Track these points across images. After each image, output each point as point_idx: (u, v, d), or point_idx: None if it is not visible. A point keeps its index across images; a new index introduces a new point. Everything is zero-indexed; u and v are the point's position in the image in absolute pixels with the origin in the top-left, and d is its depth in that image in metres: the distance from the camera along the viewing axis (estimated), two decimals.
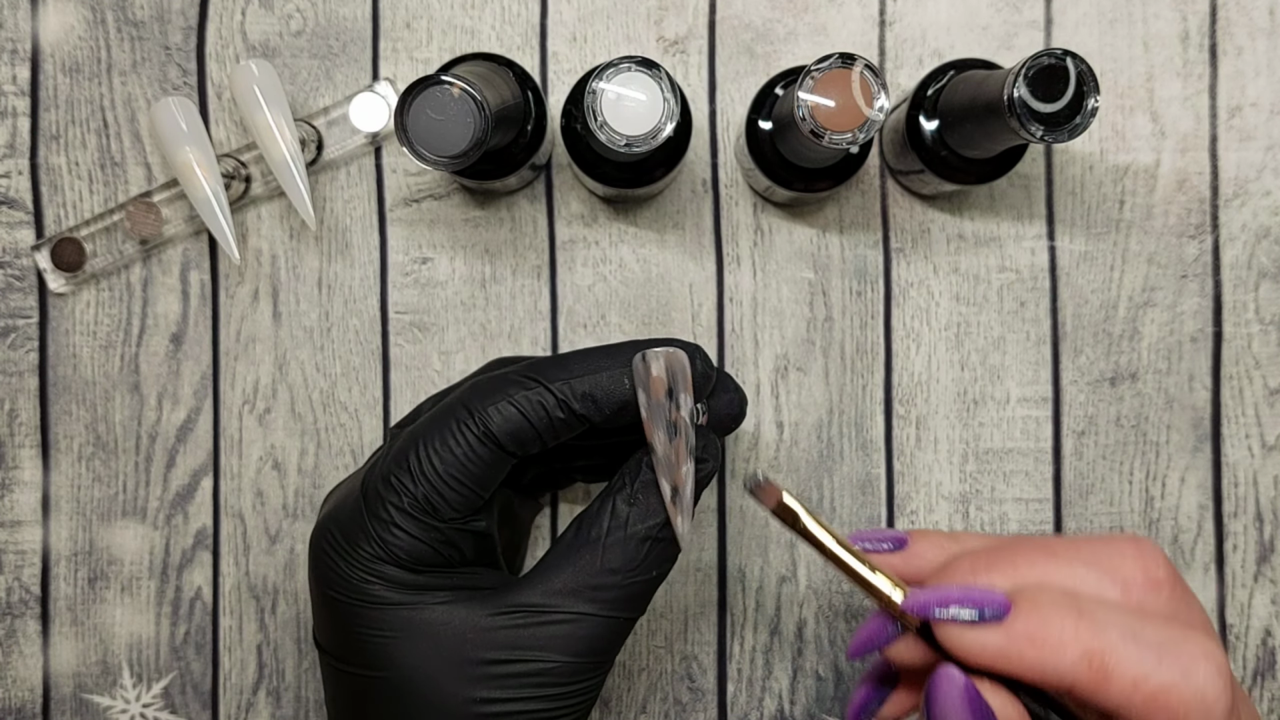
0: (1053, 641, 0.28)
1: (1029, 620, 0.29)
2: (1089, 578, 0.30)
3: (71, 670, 0.47)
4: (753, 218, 0.47)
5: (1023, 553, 0.31)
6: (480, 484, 0.34)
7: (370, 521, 0.34)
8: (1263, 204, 0.46)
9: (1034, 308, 0.47)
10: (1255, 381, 0.47)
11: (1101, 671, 0.28)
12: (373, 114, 0.45)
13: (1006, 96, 0.36)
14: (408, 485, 0.33)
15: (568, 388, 0.34)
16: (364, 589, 0.34)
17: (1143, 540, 0.31)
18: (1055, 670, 0.28)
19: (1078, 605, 0.29)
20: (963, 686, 0.30)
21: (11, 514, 0.47)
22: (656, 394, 0.33)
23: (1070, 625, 0.28)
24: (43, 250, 0.46)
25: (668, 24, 0.47)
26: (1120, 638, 0.28)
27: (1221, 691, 0.28)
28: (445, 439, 0.33)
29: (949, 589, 0.30)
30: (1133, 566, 0.31)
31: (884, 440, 0.47)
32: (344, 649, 0.35)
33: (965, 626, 0.29)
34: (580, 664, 0.34)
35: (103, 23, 0.47)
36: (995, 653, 0.29)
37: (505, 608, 0.34)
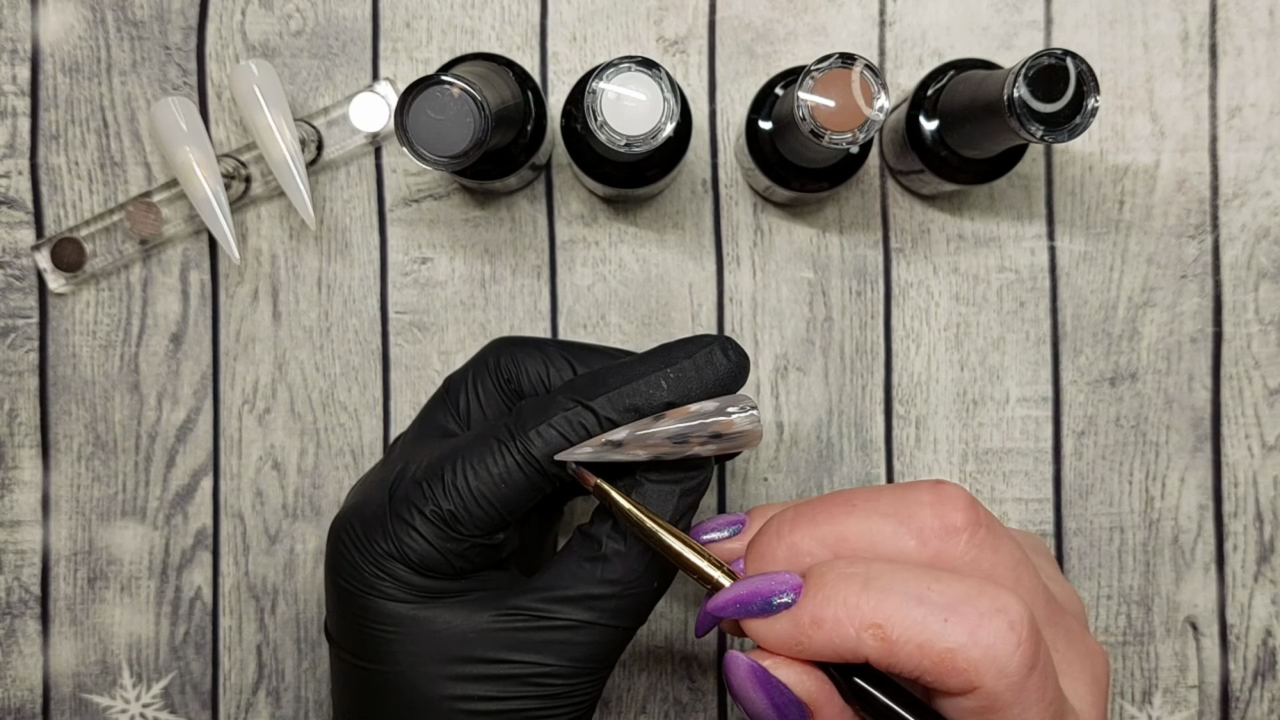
0: (834, 619, 0.28)
1: (812, 603, 0.29)
2: (885, 530, 0.30)
3: (71, 670, 0.47)
4: (753, 218, 0.47)
5: (824, 509, 0.31)
6: (510, 507, 0.34)
7: (391, 520, 0.34)
8: (1262, 204, 0.46)
9: (1034, 308, 0.47)
10: (1255, 381, 0.47)
11: (887, 641, 0.28)
12: (373, 114, 0.45)
13: (1006, 96, 0.36)
14: (437, 496, 0.33)
15: (608, 403, 0.33)
16: (372, 583, 0.34)
17: (943, 485, 0.31)
18: (843, 648, 0.28)
19: (864, 575, 0.29)
20: (748, 668, 0.30)
21: (11, 514, 0.47)
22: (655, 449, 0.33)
23: (853, 599, 0.28)
24: (43, 250, 0.46)
25: (668, 24, 0.47)
26: (903, 603, 0.28)
27: (1015, 646, 0.27)
28: (484, 457, 0.33)
29: (744, 584, 0.30)
30: (928, 515, 0.30)
31: (884, 440, 0.47)
32: (350, 641, 0.35)
33: (759, 619, 0.30)
34: (576, 669, 0.34)
35: (103, 23, 0.47)
36: (788, 640, 0.29)
37: (504, 610, 0.34)
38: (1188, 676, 0.47)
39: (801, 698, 0.29)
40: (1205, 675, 0.47)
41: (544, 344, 0.38)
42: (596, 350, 0.38)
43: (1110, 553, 0.47)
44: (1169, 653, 0.47)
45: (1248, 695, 0.47)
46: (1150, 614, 0.47)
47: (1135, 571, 0.47)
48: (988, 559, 0.30)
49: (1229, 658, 0.47)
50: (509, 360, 0.38)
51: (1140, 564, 0.47)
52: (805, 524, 0.31)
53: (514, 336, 0.39)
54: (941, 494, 0.30)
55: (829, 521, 0.31)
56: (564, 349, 0.38)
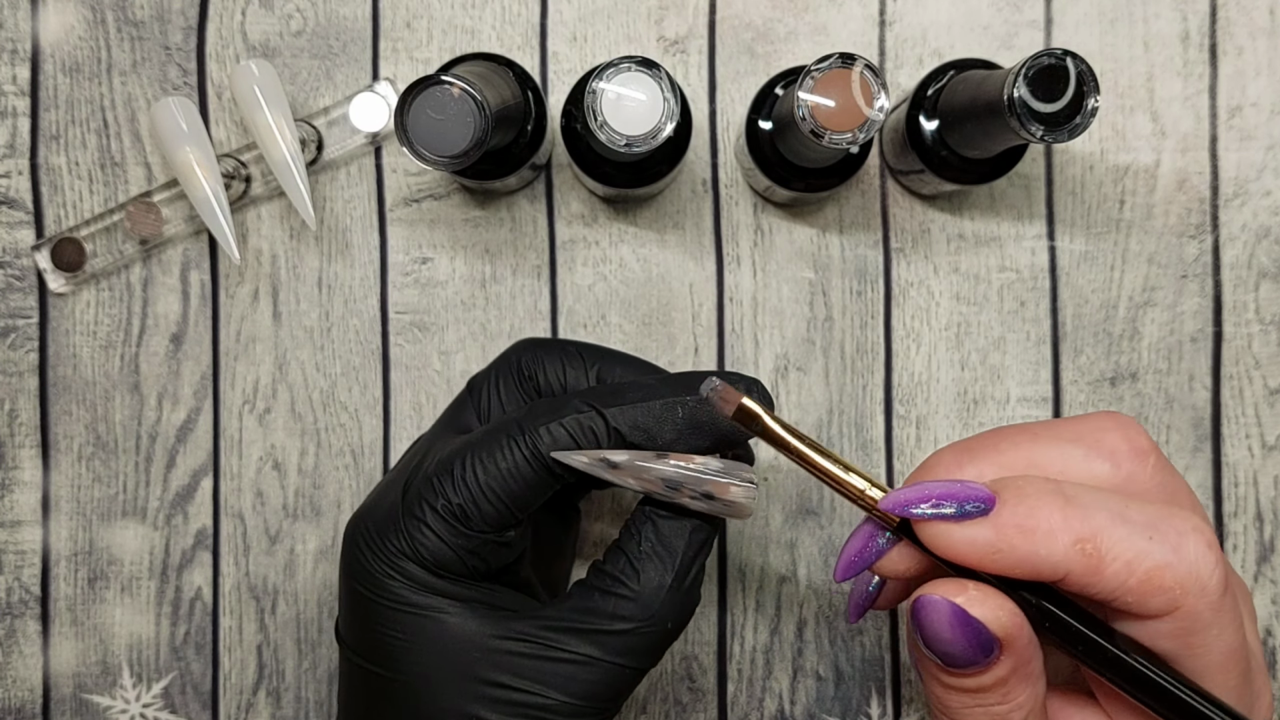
0: (1043, 530, 0.27)
1: (1016, 511, 0.28)
2: (1075, 454, 0.30)
3: (71, 670, 0.47)
4: (753, 218, 0.47)
5: (1006, 437, 0.30)
6: (518, 502, 0.34)
7: (404, 518, 0.34)
8: (1263, 204, 0.46)
9: (1034, 308, 0.47)
10: (1255, 381, 0.47)
11: (1095, 557, 0.27)
12: (373, 114, 0.45)
13: (1006, 96, 0.36)
14: (448, 490, 0.33)
15: (621, 415, 0.33)
16: (384, 583, 0.34)
17: (1119, 414, 0.31)
18: (1049, 560, 0.27)
19: (1063, 491, 0.28)
20: (949, 611, 0.28)
21: (11, 514, 0.47)
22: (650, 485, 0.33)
23: (1058, 512, 0.27)
24: (43, 250, 0.46)
25: (668, 24, 0.47)
26: (1109, 520, 0.27)
27: (1214, 565, 0.27)
28: (494, 452, 0.33)
29: (928, 485, 0.29)
30: (1116, 438, 0.30)
31: (884, 440, 0.47)
32: (361, 643, 0.35)
33: (950, 524, 0.28)
34: (579, 707, 0.33)
35: (103, 23, 0.47)
36: (985, 548, 0.28)
37: (512, 632, 0.33)
38: None
39: (997, 633, 0.28)
40: None
41: (567, 346, 0.38)
42: (619, 356, 0.38)
43: None
44: None
45: None
46: None
47: None
48: (1172, 481, 0.30)
49: None
50: (531, 360, 0.38)
51: None
52: (988, 452, 0.30)
53: (539, 338, 0.40)
54: (1122, 420, 0.30)
55: (1013, 449, 0.30)
56: (587, 353, 0.38)
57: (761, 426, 0.31)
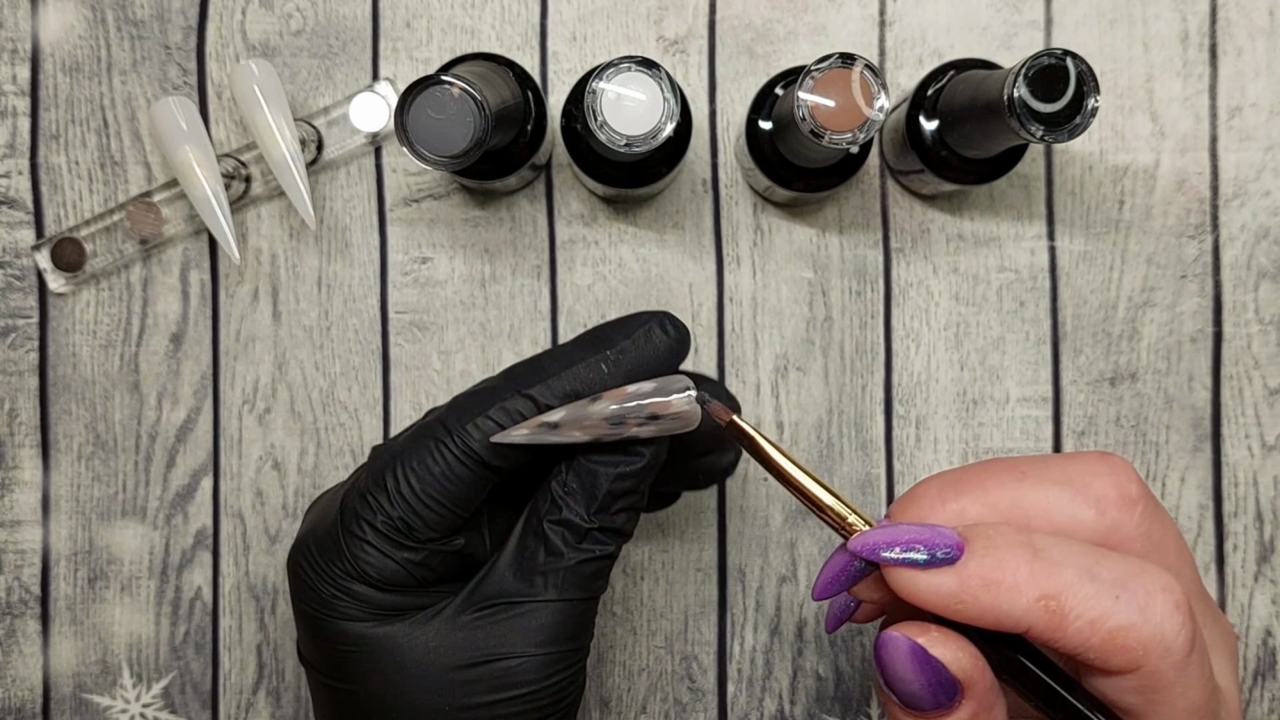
0: (1008, 584, 0.27)
1: (983, 562, 0.27)
2: (1061, 498, 0.29)
3: (71, 670, 0.47)
4: (753, 218, 0.47)
5: (993, 475, 0.30)
6: (460, 504, 0.33)
7: (344, 539, 0.33)
8: (1262, 204, 0.46)
9: (1034, 308, 0.47)
10: (1255, 381, 0.47)
11: (1058, 614, 0.27)
12: (373, 114, 0.45)
13: (1006, 96, 0.36)
14: (384, 505, 0.32)
15: (546, 390, 0.33)
16: (333, 605, 0.33)
17: (1112, 456, 0.30)
18: (1011, 615, 0.27)
19: (1033, 544, 0.28)
20: (908, 650, 0.28)
21: (11, 514, 0.47)
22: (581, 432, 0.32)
23: (1025, 566, 0.27)
24: (43, 250, 0.46)
25: (668, 24, 0.47)
26: (1076, 577, 0.27)
27: (1180, 626, 0.27)
28: (424, 458, 0.32)
29: (900, 528, 0.29)
30: (1105, 484, 0.29)
31: (884, 440, 0.47)
32: (322, 662, 0.34)
33: (916, 570, 0.28)
34: (546, 656, 0.33)
35: (103, 22, 0.47)
36: (949, 597, 0.28)
37: (463, 608, 0.33)
38: None
39: (957, 676, 0.28)
40: None
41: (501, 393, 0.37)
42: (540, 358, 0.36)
43: None
44: None
45: (1248, 695, 0.47)
46: None
47: None
48: (1158, 530, 0.29)
49: None
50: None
51: None
52: (973, 489, 0.30)
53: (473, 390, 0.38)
54: (1114, 464, 0.30)
55: (999, 488, 0.30)
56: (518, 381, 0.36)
57: (751, 444, 0.31)
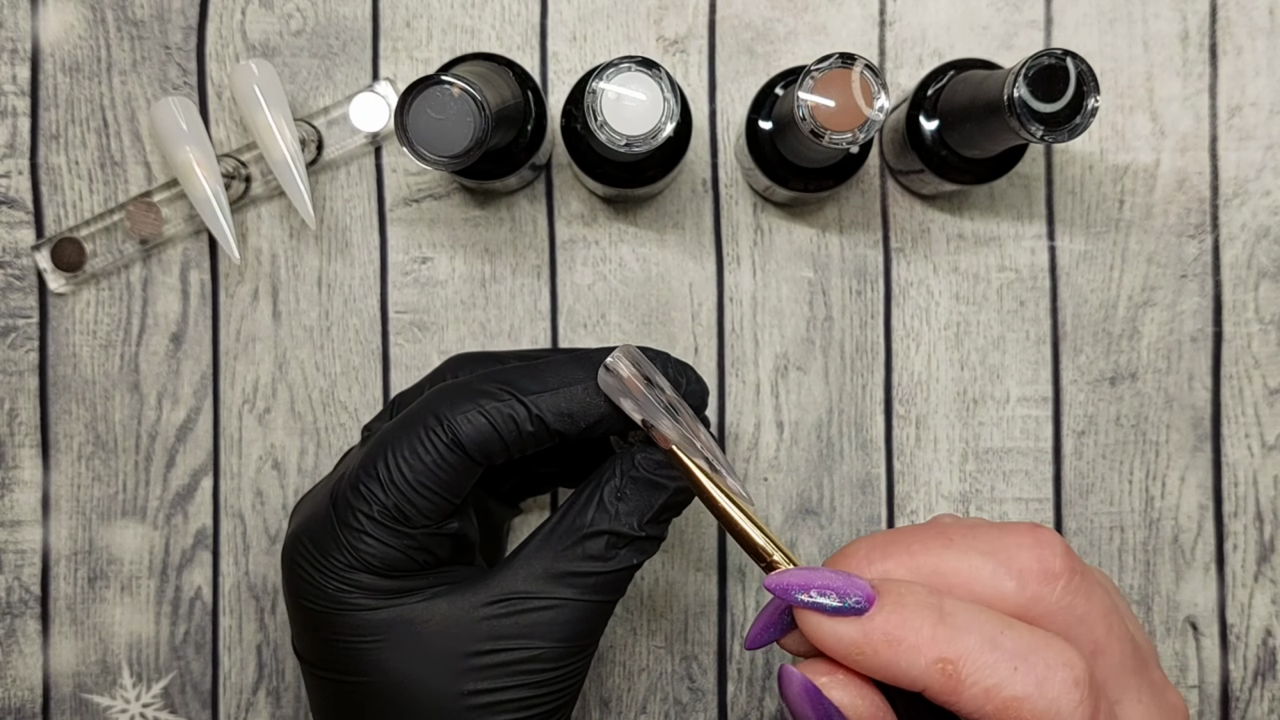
0: (909, 643, 0.28)
1: (889, 619, 0.28)
2: (984, 568, 0.30)
3: (71, 670, 0.47)
4: (753, 217, 0.47)
5: (920, 540, 0.31)
6: (451, 491, 0.33)
7: (341, 530, 0.33)
8: (1262, 204, 0.46)
9: (1034, 307, 0.47)
10: (1255, 381, 0.47)
11: (954, 679, 0.28)
12: (373, 114, 0.45)
13: (1006, 96, 0.36)
14: (378, 494, 0.33)
15: (543, 402, 0.33)
16: (339, 598, 0.33)
17: (1041, 529, 0.31)
18: (908, 674, 0.28)
19: (941, 607, 0.28)
20: (801, 685, 0.29)
21: (11, 514, 0.47)
22: (639, 391, 0.33)
23: (929, 628, 0.28)
24: (43, 250, 0.46)
25: (668, 24, 0.47)
26: (978, 644, 0.28)
27: (1076, 703, 0.27)
28: (414, 447, 0.33)
29: (816, 572, 0.30)
30: (1028, 557, 0.30)
31: (884, 440, 0.47)
32: (326, 658, 0.34)
33: (824, 615, 0.29)
34: (564, 649, 0.34)
35: (103, 22, 0.47)
36: (849, 647, 0.28)
37: (487, 598, 0.33)
38: (1188, 676, 0.47)
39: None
40: (1205, 675, 0.47)
41: (502, 358, 0.38)
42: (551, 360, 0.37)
43: (1110, 552, 0.47)
44: (1169, 652, 0.47)
45: (1248, 695, 0.47)
46: (1150, 613, 0.47)
47: (1135, 571, 0.47)
48: (1081, 605, 0.30)
49: (1229, 657, 0.47)
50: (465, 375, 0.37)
51: (1140, 563, 0.47)
52: (900, 553, 0.31)
53: (472, 353, 0.40)
54: (1040, 538, 0.30)
55: (925, 553, 0.30)
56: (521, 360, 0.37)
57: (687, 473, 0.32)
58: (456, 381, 0.35)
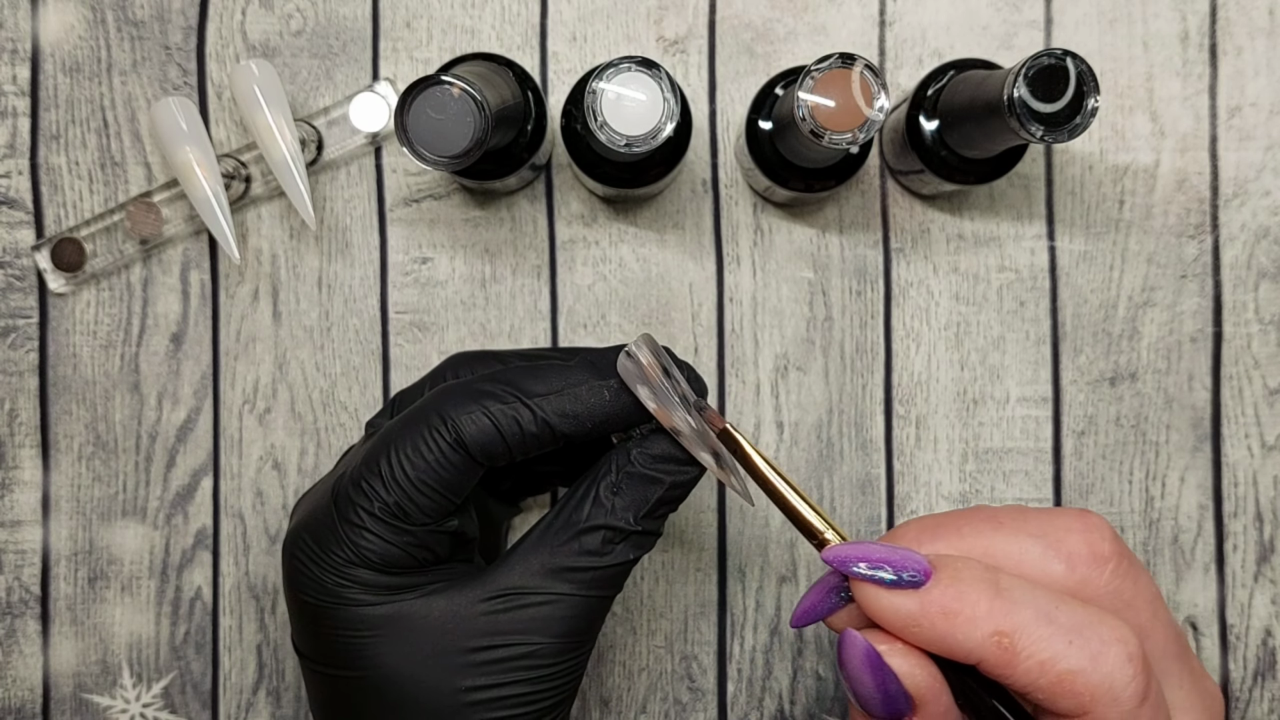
0: (965, 616, 0.28)
1: (945, 592, 0.29)
2: (1034, 550, 0.30)
3: (71, 670, 0.47)
4: (753, 218, 0.47)
5: (970, 522, 0.31)
6: (452, 490, 0.34)
7: (341, 526, 0.33)
8: (1262, 204, 0.46)
9: (1034, 307, 0.47)
10: (1255, 381, 0.47)
11: (1010, 651, 0.28)
12: (373, 114, 0.45)
13: (1006, 96, 0.36)
14: (379, 491, 0.33)
15: (547, 404, 0.33)
16: (338, 593, 0.33)
17: (1089, 514, 0.31)
18: (963, 646, 0.28)
19: (996, 582, 0.29)
20: (863, 650, 0.29)
21: (11, 514, 0.47)
22: (656, 380, 0.33)
23: (985, 601, 0.28)
24: (43, 250, 0.46)
25: (668, 24, 0.47)
26: (1033, 618, 0.28)
27: (1130, 678, 0.28)
28: (418, 445, 0.33)
29: (873, 546, 0.30)
30: (1078, 541, 0.30)
31: (884, 440, 0.47)
32: (325, 653, 0.34)
33: (881, 588, 0.29)
34: (562, 644, 0.34)
35: (103, 22, 0.47)
36: (906, 619, 0.29)
37: (485, 594, 0.34)
38: None
39: (909, 690, 0.29)
40: None
41: (502, 357, 0.38)
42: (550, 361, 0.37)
43: None
44: None
45: (1248, 695, 0.47)
46: None
47: None
48: (1128, 589, 0.30)
49: (1229, 657, 0.47)
50: (466, 374, 0.38)
51: None
52: (949, 534, 0.31)
53: (472, 351, 0.40)
54: (1089, 522, 0.31)
55: (974, 535, 0.31)
56: (522, 359, 0.38)
57: (740, 453, 0.32)
58: (461, 381, 0.35)
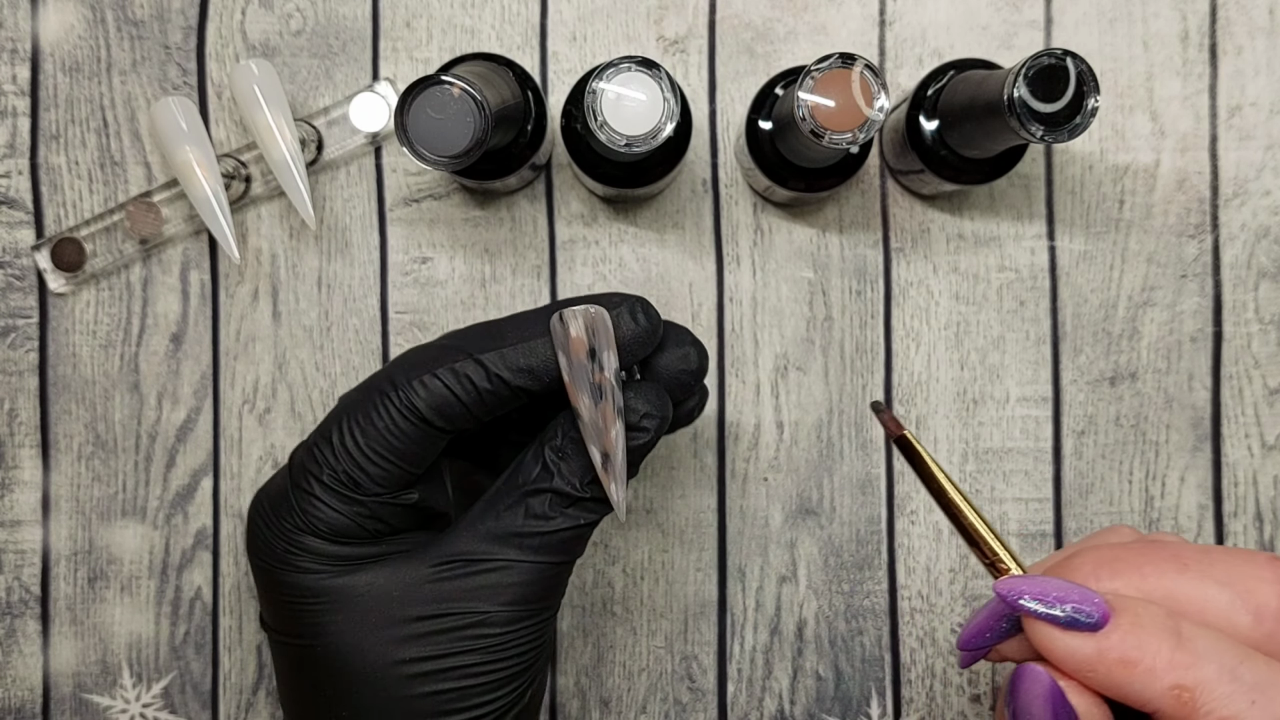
0: (1144, 666, 0.27)
1: (1125, 639, 0.27)
2: (1220, 599, 0.29)
3: (71, 670, 0.47)
4: (753, 218, 0.47)
5: (1152, 561, 0.30)
6: (407, 460, 0.33)
7: (293, 493, 0.33)
8: (1262, 204, 0.46)
9: (1034, 307, 0.47)
10: (1255, 381, 0.47)
11: (1189, 707, 0.27)
12: (373, 114, 0.45)
13: (1006, 96, 0.36)
14: (329, 459, 0.32)
15: (500, 359, 0.32)
16: (287, 559, 0.33)
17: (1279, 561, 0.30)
18: (1140, 695, 0.27)
19: (1179, 631, 0.28)
20: (1048, 687, 0.28)
21: (11, 514, 0.47)
22: (577, 355, 0.31)
23: (1166, 652, 0.27)
24: (43, 250, 0.46)
25: (668, 24, 0.47)
26: (1216, 674, 0.27)
27: None
28: (369, 413, 0.32)
29: (1050, 581, 0.29)
30: (1269, 592, 0.29)
31: (884, 440, 0.47)
32: (277, 620, 0.34)
33: (1057, 628, 0.28)
34: (513, 612, 0.33)
35: (103, 22, 0.47)
36: (1083, 663, 0.28)
37: (430, 562, 0.33)
38: None
39: None
40: None
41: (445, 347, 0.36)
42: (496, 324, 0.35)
43: None
44: None
45: None
46: None
47: None
48: None
49: None
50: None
51: None
52: (1129, 572, 0.30)
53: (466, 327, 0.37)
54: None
55: (1157, 576, 0.29)
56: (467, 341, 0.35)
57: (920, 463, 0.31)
58: (418, 346, 0.34)
